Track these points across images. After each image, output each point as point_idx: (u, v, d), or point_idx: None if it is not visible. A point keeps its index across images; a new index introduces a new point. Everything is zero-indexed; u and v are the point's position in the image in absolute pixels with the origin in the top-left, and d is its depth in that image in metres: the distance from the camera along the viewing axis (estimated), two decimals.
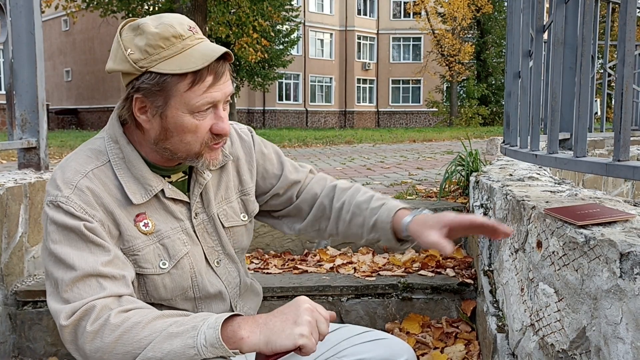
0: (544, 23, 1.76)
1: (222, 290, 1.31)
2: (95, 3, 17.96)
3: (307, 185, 1.48)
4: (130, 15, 18.19)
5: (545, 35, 1.83)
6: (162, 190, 1.22)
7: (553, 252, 1.22)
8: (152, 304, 1.17)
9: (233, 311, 1.31)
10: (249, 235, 1.41)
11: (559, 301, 1.20)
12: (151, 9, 18.53)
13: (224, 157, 1.34)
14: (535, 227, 1.36)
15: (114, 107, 1.25)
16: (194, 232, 1.27)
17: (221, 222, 1.32)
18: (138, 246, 1.18)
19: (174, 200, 1.24)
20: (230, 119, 1.29)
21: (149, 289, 1.21)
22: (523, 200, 1.53)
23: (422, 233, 1.25)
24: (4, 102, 2.52)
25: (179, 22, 1.14)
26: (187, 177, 1.28)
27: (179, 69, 1.10)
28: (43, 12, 2.57)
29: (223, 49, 1.13)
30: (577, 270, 1.09)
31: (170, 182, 1.25)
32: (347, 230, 1.44)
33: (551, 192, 1.64)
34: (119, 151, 1.20)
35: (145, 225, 1.19)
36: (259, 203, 1.45)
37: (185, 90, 1.11)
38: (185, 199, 1.26)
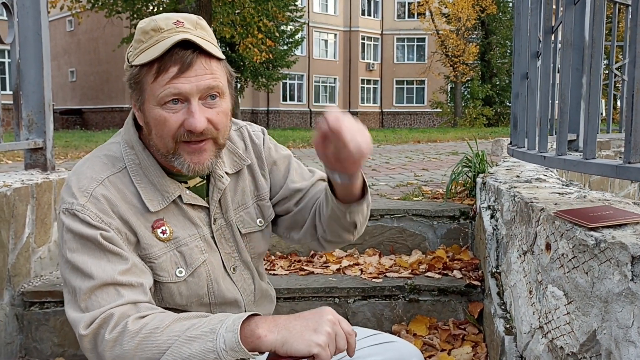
0: (552, 24, 1.75)
1: (237, 297, 1.29)
2: (100, 4, 18.02)
3: (310, 194, 1.40)
4: (135, 16, 18.23)
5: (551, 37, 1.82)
6: (180, 196, 1.20)
7: (562, 255, 1.22)
8: (167, 309, 1.16)
9: None
10: (266, 241, 1.38)
11: (568, 304, 1.19)
12: (156, 9, 18.55)
13: (241, 160, 1.32)
14: (544, 229, 1.36)
15: (118, 108, 1.25)
16: (213, 238, 1.25)
17: (238, 229, 1.30)
18: (155, 254, 1.17)
19: (192, 206, 1.22)
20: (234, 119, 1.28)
21: (165, 296, 1.20)
22: (531, 202, 1.52)
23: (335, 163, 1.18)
24: (8, 102, 2.52)
25: (166, 17, 1.13)
26: (205, 182, 1.26)
27: (144, 60, 1.10)
28: (48, 12, 2.57)
29: (181, 38, 1.08)
30: (587, 273, 1.09)
31: (188, 188, 1.23)
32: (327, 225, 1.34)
33: (559, 193, 1.64)
34: (135, 157, 1.19)
35: (163, 232, 1.18)
36: None
37: (151, 81, 1.10)
38: (204, 204, 1.24)
